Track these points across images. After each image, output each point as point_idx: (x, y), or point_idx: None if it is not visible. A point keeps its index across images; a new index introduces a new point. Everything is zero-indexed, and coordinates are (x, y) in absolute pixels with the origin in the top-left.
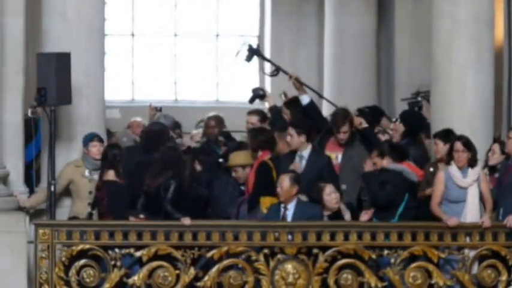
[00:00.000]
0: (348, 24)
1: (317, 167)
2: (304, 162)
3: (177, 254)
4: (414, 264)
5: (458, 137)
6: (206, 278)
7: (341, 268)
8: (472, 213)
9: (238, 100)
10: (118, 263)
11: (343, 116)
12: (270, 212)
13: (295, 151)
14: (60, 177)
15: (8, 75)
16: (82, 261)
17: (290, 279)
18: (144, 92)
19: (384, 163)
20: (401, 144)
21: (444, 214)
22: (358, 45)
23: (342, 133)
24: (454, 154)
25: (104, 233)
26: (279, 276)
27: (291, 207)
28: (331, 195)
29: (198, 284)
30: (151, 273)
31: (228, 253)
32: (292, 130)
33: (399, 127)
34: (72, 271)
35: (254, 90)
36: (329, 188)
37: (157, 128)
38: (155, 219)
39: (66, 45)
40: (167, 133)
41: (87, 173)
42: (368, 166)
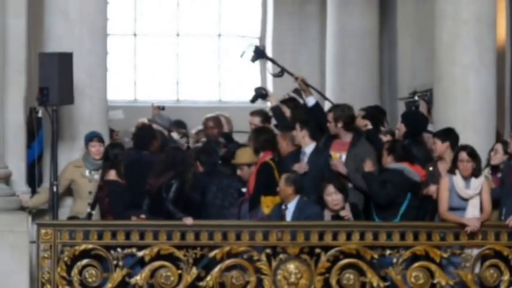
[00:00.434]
0: (350, 24)
1: (317, 167)
2: (305, 159)
3: (179, 254)
4: (416, 264)
5: (463, 147)
6: (208, 278)
7: (343, 268)
8: None
9: (240, 100)
10: (120, 263)
11: (332, 108)
12: (273, 212)
13: (298, 150)
14: (61, 177)
15: (10, 75)
16: (84, 261)
17: (292, 279)
18: (147, 92)
19: (389, 161)
20: (404, 144)
21: (462, 217)
22: (360, 45)
23: (328, 122)
24: (459, 164)
25: (107, 233)
26: (281, 276)
27: (291, 206)
28: (331, 195)
29: (200, 284)
30: (153, 273)
31: (230, 253)
32: (297, 124)
33: (401, 127)
34: (74, 271)
35: (256, 89)
36: (330, 189)
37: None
38: (157, 219)
39: (68, 45)
40: (161, 133)
41: (87, 173)
42: (368, 166)
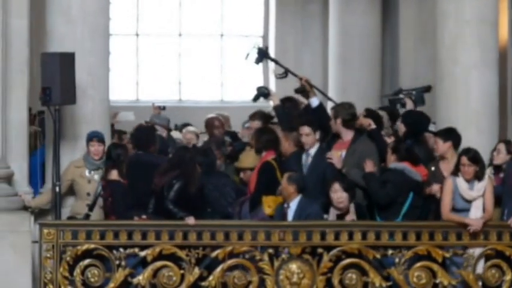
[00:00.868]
0: (353, 24)
1: (320, 167)
2: (310, 159)
3: (182, 254)
4: (419, 263)
5: (465, 151)
6: (211, 278)
7: (345, 268)
8: None
9: (242, 100)
10: (123, 263)
11: (334, 106)
12: (276, 211)
13: (301, 150)
14: (62, 177)
15: (13, 74)
16: (87, 260)
17: (295, 279)
18: (149, 92)
19: (392, 160)
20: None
21: (465, 217)
22: (362, 45)
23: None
24: (461, 167)
25: (109, 233)
26: (284, 276)
27: (293, 205)
28: (337, 193)
29: (203, 284)
30: (155, 273)
31: (232, 253)
32: (308, 129)
33: (401, 127)
34: (76, 271)
35: (258, 88)
36: (335, 186)
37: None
38: (159, 219)
39: (70, 45)
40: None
41: (86, 173)
42: (368, 167)
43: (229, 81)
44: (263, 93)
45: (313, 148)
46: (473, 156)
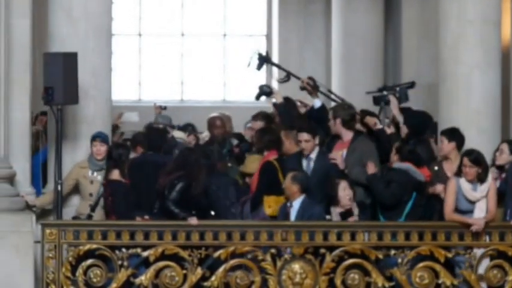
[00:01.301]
0: (355, 23)
1: (323, 169)
2: (312, 164)
3: (184, 254)
4: (421, 264)
5: (467, 152)
6: (213, 278)
7: (348, 268)
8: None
9: (245, 100)
10: (125, 263)
11: (333, 106)
12: (280, 210)
13: (302, 151)
14: (67, 177)
15: (15, 75)
16: (89, 261)
17: (297, 279)
18: (151, 92)
19: (395, 159)
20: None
21: (468, 218)
22: (365, 44)
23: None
24: (463, 168)
25: (111, 233)
26: (286, 276)
27: (296, 204)
28: (345, 190)
29: (205, 284)
30: (158, 273)
31: (235, 253)
32: (307, 135)
33: (403, 129)
34: (79, 271)
35: (260, 87)
36: (344, 183)
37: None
38: (162, 219)
39: (73, 45)
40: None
41: (89, 174)
42: (371, 168)
43: (231, 81)
44: (265, 91)
45: (313, 152)
46: (475, 158)
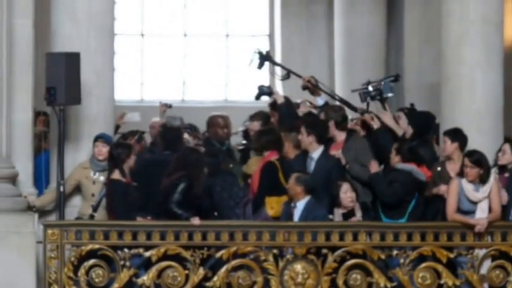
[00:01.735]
0: (357, 24)
1: (325, 170)
2: (313, 164)
3: (186, 254)
4: (423, 264)
5: (469, 153)
6: (215, 278)
7: (350, 268)
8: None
9: (247, 100)
10: (127, 263)
11: (324, 108)
12: (283, 209)
13: (306, 152)
14: (69, 178)
15: (17, 75)
16: (91, 261)
17: (299, 279)
18: (153, 92)
19: (396, 160)
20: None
21: (470, 218)
22: (367, 45)
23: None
24: (464, 169)
25: (113, 233)
26: (288, 276)
27: (301, 205)
28: (346, 193)
29: (207, 284)
30: (160, 273)
31: (237, 253)
32: (303, 129)
33: (408, 130)
34: (81, 271)
35: (260, 87)
36: (346, 186)
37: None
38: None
39: (75, 45)
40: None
41: (91, 175)
42: (373, 167)
43: (234, 81)
44: (265, 91)
45: (315, 152)
46: (476, 159)
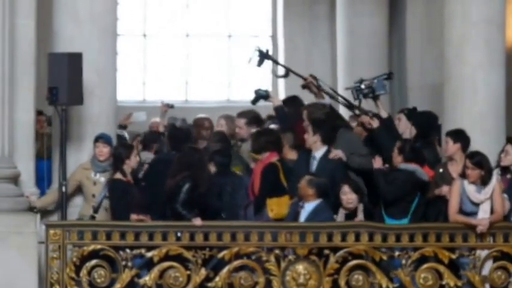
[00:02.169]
0: (360, 24)
1: (327, 170)
2: (315, 163)
3: (188, 255)
4: (425, 265)
5: (471, 154)
6: (217, 279)
7: (352, 269)
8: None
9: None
10: (129, 264)
11: (306, 106)
12: (290, 208)
13: (309, 152)
14: (70, 178)
15: (20, 75)
16: (93, 261)
17: (301, 280)
18: (156, 93)
19: (399, 160)
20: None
21: (472, 219)
22: (370, 45)
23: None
24: (466, 170)
25: (115, 234)
26: (290, 277)
27: (309, 207)
28: (346, 195)
29: (209, 285)
30: (162, 273)
31: (239, 254)
32: (309, 127)
33: (411, 130)
34: (83, 271)
35: (256, 91)
36: (345, 188)
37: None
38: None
39: (78, 45)
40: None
41: (92, 175)
42: (377, 163)
43: (236, 81)
44: (262, 95)
45: (318, 152)
46: (477, 161)
